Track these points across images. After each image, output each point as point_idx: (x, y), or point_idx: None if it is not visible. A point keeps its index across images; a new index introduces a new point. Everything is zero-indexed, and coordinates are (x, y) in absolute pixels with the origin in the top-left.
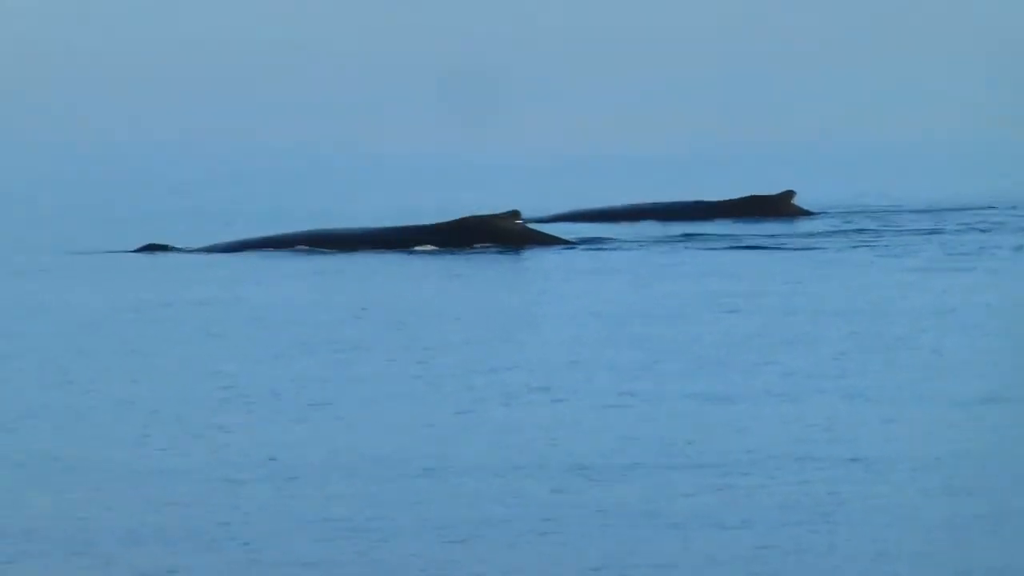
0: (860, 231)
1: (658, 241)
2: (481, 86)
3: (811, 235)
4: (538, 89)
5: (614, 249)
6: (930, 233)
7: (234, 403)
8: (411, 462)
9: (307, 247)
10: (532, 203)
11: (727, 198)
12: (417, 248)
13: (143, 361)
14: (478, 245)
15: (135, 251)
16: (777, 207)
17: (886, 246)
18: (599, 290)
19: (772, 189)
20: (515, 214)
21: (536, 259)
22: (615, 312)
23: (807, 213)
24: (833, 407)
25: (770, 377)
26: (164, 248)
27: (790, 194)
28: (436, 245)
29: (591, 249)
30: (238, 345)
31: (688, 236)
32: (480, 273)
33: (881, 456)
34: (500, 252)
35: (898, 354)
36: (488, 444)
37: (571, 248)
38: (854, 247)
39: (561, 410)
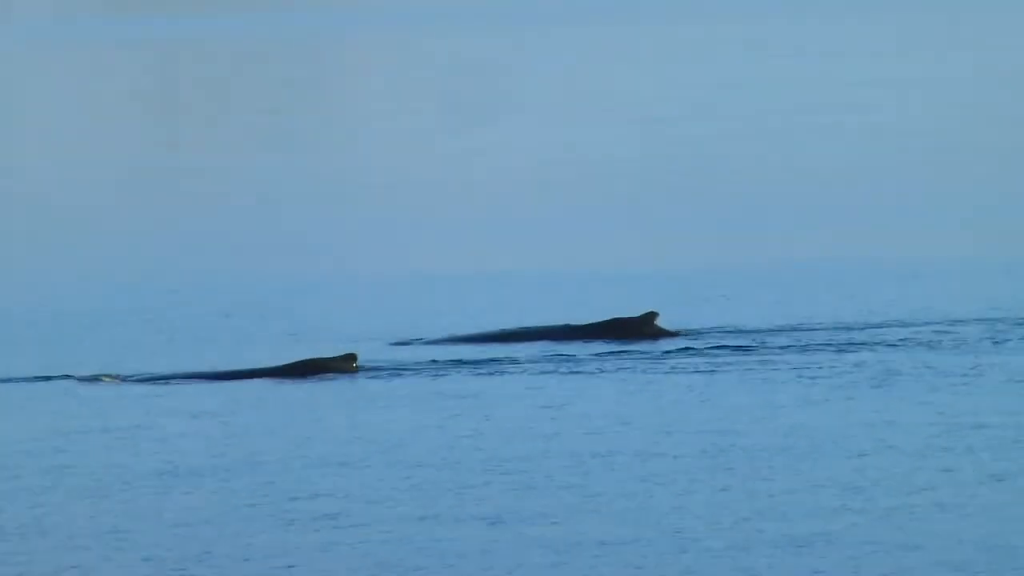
0: (722, 350)
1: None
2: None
3: (671, 354)
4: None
5: (445, 375)
6: (787, 351)
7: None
8: None
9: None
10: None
11: (591, 321)
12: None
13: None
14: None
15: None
16: (640, 329)
17: (747, 367)
18: (422, 417)
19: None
20: (352, 357)
21: (362, 390)
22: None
23: (671, 334)
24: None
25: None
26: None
27: (653, 315)
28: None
29: (433, 375)
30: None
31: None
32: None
33: None
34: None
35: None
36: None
37: (408, 377)
38: (714, 368)
39: (340, 537)
